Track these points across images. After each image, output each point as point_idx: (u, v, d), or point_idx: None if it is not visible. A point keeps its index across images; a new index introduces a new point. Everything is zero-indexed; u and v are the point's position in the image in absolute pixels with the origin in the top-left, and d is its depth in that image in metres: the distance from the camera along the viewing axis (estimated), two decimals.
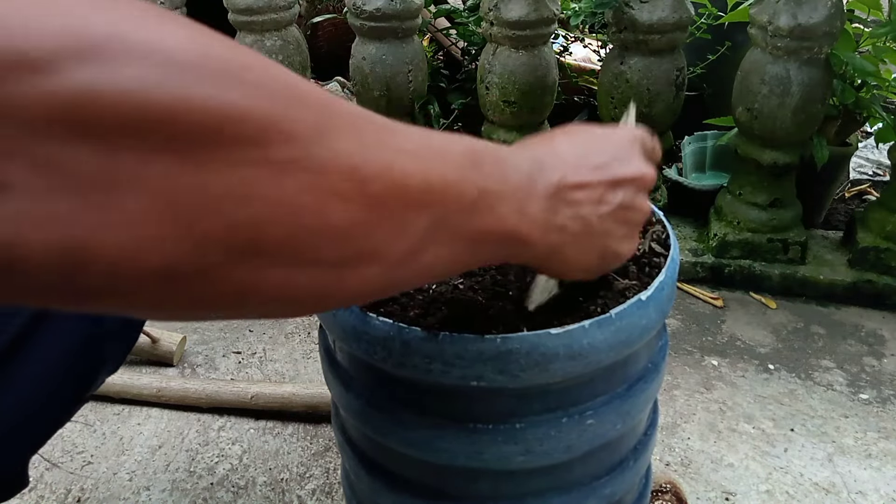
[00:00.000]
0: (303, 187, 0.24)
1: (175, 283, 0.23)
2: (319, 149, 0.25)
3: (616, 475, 0.55)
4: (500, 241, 0.34)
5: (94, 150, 0.20)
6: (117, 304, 0.24)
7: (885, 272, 1.23)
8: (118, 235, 0.21)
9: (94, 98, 0.20)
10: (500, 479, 0.52)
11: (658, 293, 0.48)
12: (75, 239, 0.20)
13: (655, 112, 1.27)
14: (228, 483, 0.90)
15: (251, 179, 0.23)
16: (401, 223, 0.28)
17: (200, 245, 0.22)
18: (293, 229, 0.24)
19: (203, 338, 1.17)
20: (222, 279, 0.24)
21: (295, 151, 0.24)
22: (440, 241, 0.30)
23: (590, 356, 0.45)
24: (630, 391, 0.52)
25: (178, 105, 0.21)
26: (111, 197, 0.21)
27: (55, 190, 0.20)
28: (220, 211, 0.22)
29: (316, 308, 0.29)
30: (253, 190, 0.23)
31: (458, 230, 0.31)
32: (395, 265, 0.29)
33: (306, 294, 0.27)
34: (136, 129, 0.20)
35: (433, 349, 0.45)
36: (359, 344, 0.48)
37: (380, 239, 0.27)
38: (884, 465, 0.91)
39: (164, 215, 0.21)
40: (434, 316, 0.47)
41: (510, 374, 0.45)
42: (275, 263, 0.25)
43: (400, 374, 0.48)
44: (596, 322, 0.45)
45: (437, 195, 0.29)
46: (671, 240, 0.55)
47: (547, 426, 0.49)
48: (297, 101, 0.24)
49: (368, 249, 0.27)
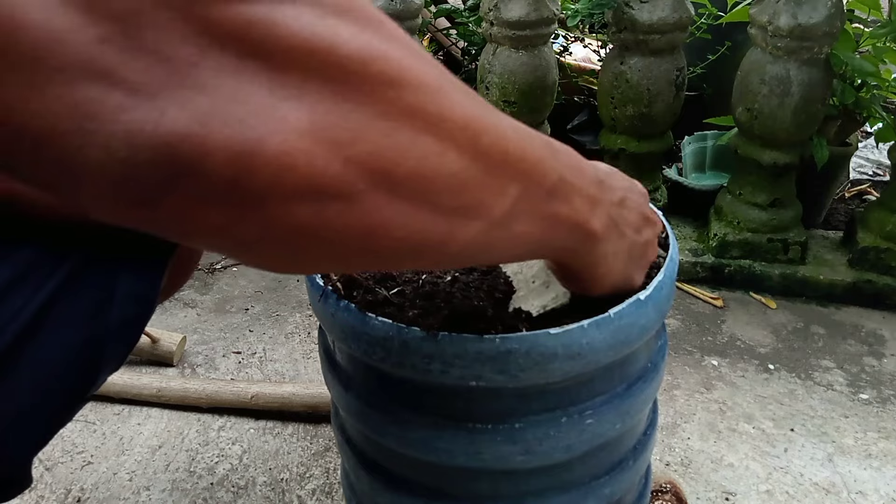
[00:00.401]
0: (429, 128, 0.27)
1: (320, 202, 0.25)
2: (442, 98, 0.27)
3: (616, 475, 0.55)
4: (571, 229, 0.36)
5: (269, 68, 0.23)
6: (265, 225, 0.25)
7: (885, 272, 1.23)
8: (283, 145, 0.23)
9: (275, 26, 0.23)
10: (499, 478, 0.52)
11: (657, 293, 0.48)
12: (248, 143, 0.22)
13: (655, 112, 1.27)
14: (228, 483, 0.90)
15: (389, 114, 0.25)
16: (501, 184, 0.30)
17: (347, 167, 0.24)
18: (419, 166, 0.27)
19: (203, 338, 1.17)
20: (360, 207, 0.26)
21: (424, 96, 0.27)
22: (527, 213, 0.32)
23: (588, 356, 0.45)
24: (629, 391, 0.52)
25: (338, 41, 0.24)
26: (281, 110, 0.23)
27: (240, 94, 0.22)
28: (365, 139, 0.25)
29: (430, 258, 0.31)
30: (390, 124, 0.25)
31: (540, 207, 0.33)
32: (495, 225, 0.31)
33: (423, 238, 0.28)
34: (305, 56, 0.23)
35: (432, 349, 0.45)
36: (358, 344, 0.48)
37: (485, 194, 0.30)
38: (884, 465, 0.91)
39: (321, 134, 0.24)
40: (433, 316, 0.47)
41: (509, 374, 0.45)
42: (403, 197, 0.27)
43: (399, 374, 0.48)
44: (595, 322, 0.45)
45: (528, 168, 0.32)
46: (670, 239, 0.55)
47: (546, 426, 0.49)
48: (423, 57, 0.28)
49: (475, 202, 0.29)
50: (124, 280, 0.51)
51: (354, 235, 0.26)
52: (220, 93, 0.22)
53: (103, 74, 0.21)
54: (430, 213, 0.28)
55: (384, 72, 0.25)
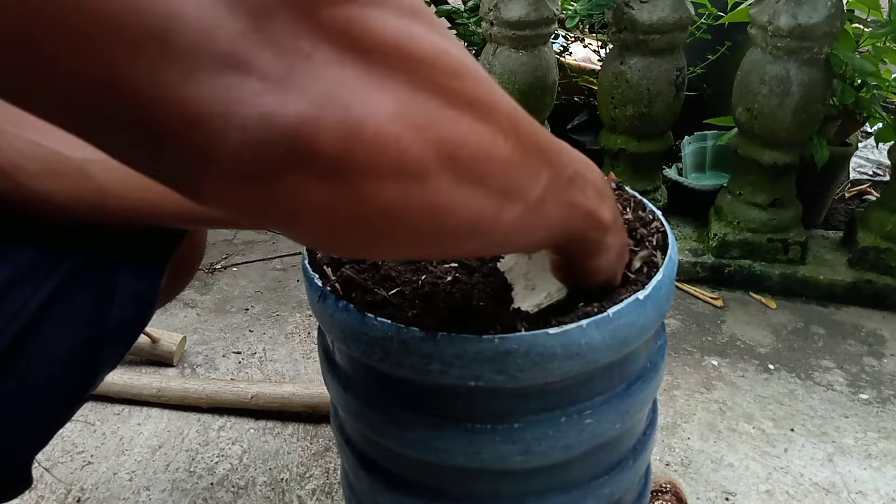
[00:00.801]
0: (483, 116, 0.30)
1: (402, 182, 0.28)
2: (491, 89, 0.31)
3: (615, 475, 0.55)
4: (587, 217, 0.40)
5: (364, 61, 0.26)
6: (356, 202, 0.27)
7: (885, 272, 1.23)
8: (379, 127, 0.26)
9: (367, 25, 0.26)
10: (498, 478, 0.52)
11: (656, 292, 0.48)
12: (353, 124, 0.25)
13: (655, 112, 1.27)
14: (228, 483, 0.90)
15: (454, 103, 0.29)
16: (536, 169, 0.34)
17: (423, 149, 0.27)
18: (477, 150, 0.30)
19: (203, 338, 1.17)
20: (431, 187, 0.28)
21: (479, 87, 0.30)
22: (554, 198, 0.36)
23: (588, 356, 0.45)
24: (629, 391, 0.52)
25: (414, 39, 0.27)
26: (374, 96, 0.26)
27: (344, 83, 0.25)
28: (437, 124, 0.28)
29: (481, 240, 0.33)
30: (455, 112, 0.29)
31: (563, 195, 0.37)
32: (531, 208, 0.34)
33: (479, 218, 0.31)
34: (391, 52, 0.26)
35: (431, 349, 0.45)
36: (357, 344, 0.48)
37: (524, 178, 0.33)
38: (884, 465, 0.91)
39: (404, 119, 0.27)
40: (432, 316, 0.47)
41: (508, 374, 0.45)
42: (464, 179, 0.29)
43: (398, 374, 0.48)
44: (594, 322, 0.45)
45: (553, 157, 0.35)
46: (669, 239, 0.55)
47: (545, 426, 0.48)
48: (468, 53, 0.31)
49: (517, 185, 0.33)
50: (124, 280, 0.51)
51: (427, 214, 0.29)
52: (329, 81, 0.25)
53: (243, 64, 0.24)
54: (484, 195, 0.31)
55: (448, 65, 0.28)
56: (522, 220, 0.34)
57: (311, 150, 0.25)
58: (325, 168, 0.26)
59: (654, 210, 0.59)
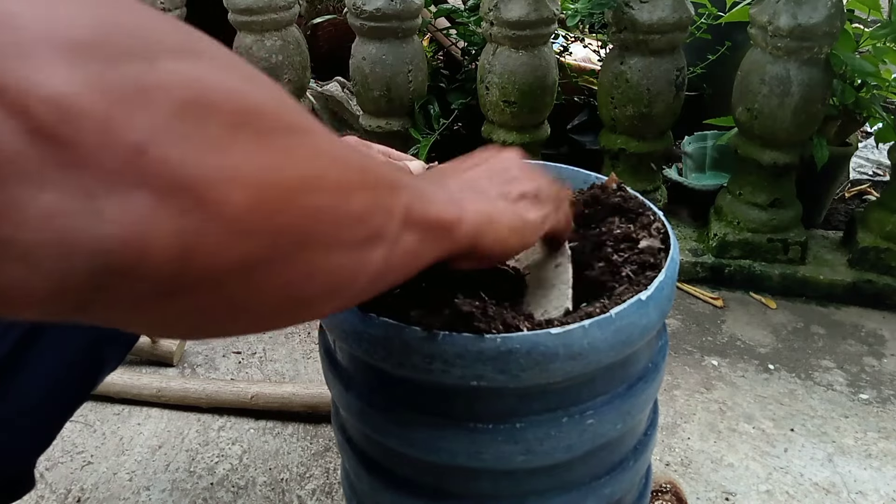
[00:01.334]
0: (337, 176, 0.28)
1: (253, 274, 0.25)
2: (331, 141, 0.29)
3: (616, 475, 0.55)
4: (442, 226, 0.37)
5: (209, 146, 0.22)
6: (197, 306, 0.25)
7: (885, 272, 1.23)
8: (225, 228, 0.23)
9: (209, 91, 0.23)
10: (500, 478, 0.52)
11: (658, 293, 0.48)
12: (191, 234, 0.22)
13: (655, 112, 1.27)
14: (228, 483, 0.90)
15: (304, 169, 0.26)
16: (388, 207, 0.32)
17: (276, 235, 0.25)
18: (336, 215, 0.28)
19: None
20: (284, 268, 0.26)
21: (320, 141, 0.28)
22: (409, 227, 0.33)
23: (590, 356, 0.45)
24: (630, 391, 0.52)
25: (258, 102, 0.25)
26: (222, 192, 0.23)
27: (176, 189, 0.21)
28: (292, 202, 0.25)
29: (343, 295, 0.31)
30: (308, 180, 0.26)
31: (417, 217, 0.34)
32: (391, 246, 0.32)
33: (340, 276, 0.29)
34: (235, 127, 0.23)
35: (433, 349, 0.45)
36: (359, 344, 0.48)
37: (379, 220, 0.31)
38: (884, 465, 0.91)
39: (254, 212, 0.24)
40: (435, 316, 0.47)
41: (510, 374, 0.45)
42: (322, 247, 0.28)
43: (400, 373, 0.48)
44: (596, 322, 0.45)
45: (397, 185, 0.33)
46: (671, 239, 0.55)
47: (547, 426, 0.48)
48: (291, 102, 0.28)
49: (375, 230, 0.31)
50: None
51: (280, 293, 0.27)
52: (161, 184, 0.21)
53: (33, 174, 0.19)
54: (345, 253, 0.29)
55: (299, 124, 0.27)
56: (385, 260, 0.32)
57: (132, 275, 0.22)
58: (152, 287, 0.22)
59: (656, 210, 0.59)
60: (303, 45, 1.44)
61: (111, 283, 0.21)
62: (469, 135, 1.49)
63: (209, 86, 0.23)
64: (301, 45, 1.43)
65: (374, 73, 1.36)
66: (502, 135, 1.34)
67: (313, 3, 1.83)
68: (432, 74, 1.52)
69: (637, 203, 0.60)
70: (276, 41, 1.38)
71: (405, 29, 1.34)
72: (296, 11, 1.39)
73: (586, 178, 0.66)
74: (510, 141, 1.33)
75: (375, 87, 1.37)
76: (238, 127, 0.23)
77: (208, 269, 0.23)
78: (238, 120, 0.23)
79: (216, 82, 0.23)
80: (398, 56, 1.36)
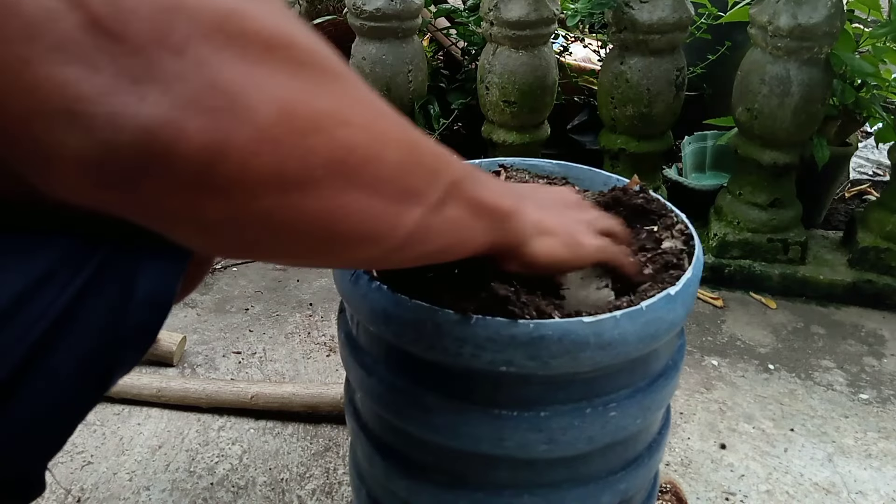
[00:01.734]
0: (371, 122, 0.29)
1: (286, 193, 0.26)
2: (372, 96, 0.30)
3: (631, 471, 0.56)
4: (494, 211, 0.39)
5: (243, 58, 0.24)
6: (232, 213, 0.26)
7: (885, 272, 1.23)
8: (251, 136, 0.24)
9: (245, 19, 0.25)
10: (519, 467, 0.52)
11: (685, 289, 0.49)
12: (220, 132, 0.24)
13: (655, 112, 1.27)
14: (228, 483, 0.90)
15: (341, 104, 0.28)
16: (432, 170, 0.33)
17: (308, 156, 0.26)
18: (369, 154, 0.29)
19: (203, 338, 1.17)
20: (320, 193, 0.27)
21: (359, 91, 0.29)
22: (455, 198, 0.35)
23: (619, 347, 0.46)
24: (651, 386, 0.52)
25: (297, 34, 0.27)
26: (250, 102, 0.24)
27: (210, 88, 0.24)
28: (325, 128, 0.27)
29: (382, 245, 0.32)
30: (343, 116, 0.28)
31: (465, 192, 0.36)
32: (432, 210, 0.33)
33: (376, 223, 0.30)
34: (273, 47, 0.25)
35: (465, 332, 0.45)
36: (388, 326, 0.48)
37: (420, 180, 0.32)
38: (884, 465, 0.91)
39: (284, 126, 0.25)
40: (468, 299, 0.47)
41: (540, 361, 0.45)
42: (356, 184, 0.28)
43: (428, 357, 0.48)
44: (627, 313, 0.46)
45: (446, 160, 0.35)
46: (694, 240, 0.56)
47: (571, 416, 0.49)
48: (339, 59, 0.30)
49: (414, 188, 0.32)
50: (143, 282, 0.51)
51: (315, 221, 0.28)
52: (199, 81, 0.23)
53: (90, 57, 0.22)
54: (379, 199, 0.30)
55: (334, 69, 0.28)
56: (424, 223, 0.33)
57: (172, 157, 0.23)
58: (189, 176, 0.24)
59: (678, 212, 0.59)
60: None
61: (150, 162, 0.23)
62: (469, 135, 1.49)
63: (247, 11, 0.25)
64: None
65: (373, 72, 1.36)
66: (502, 135, 1.34)
67: (313, 3, 1.82)
68: (432, 74, 1.52)
69: (659, 205, 0.61)
70: None
71: (405, 29, 1.34)
72: (296, 11, 1.39)
73: (606, 180, 0.66)
74: (510, 141, 1.33)
75: (375, 87, 1.37)
76: (272, 50, 0.25)
77: (241, 172, 0.25)
78: (273, 44, 0.25)
79: (255, 10, 0.25)
80: (398, 56, 1.36)
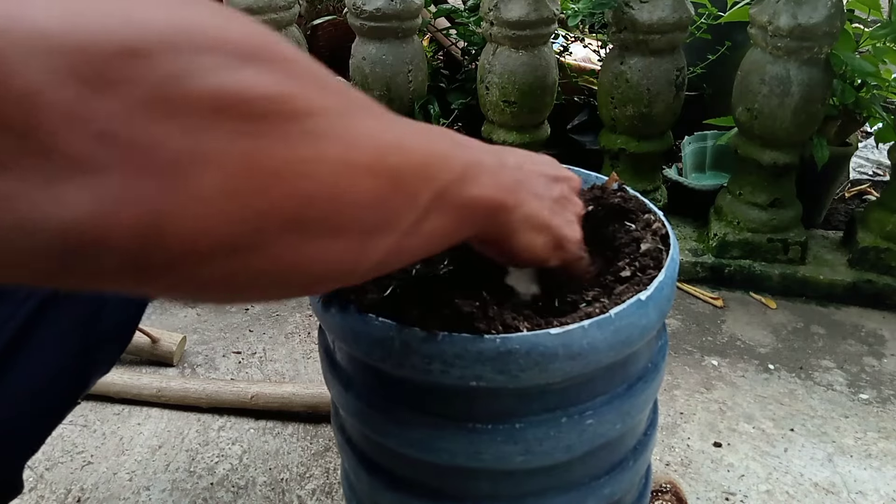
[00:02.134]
0: (339, 159, 0.26)
1: (235, 258, 0.24)
2: (347, 123, 0.27)
3: (616, 475, 0.55)
4: (486, 209, 0.37)
5: (182, 131, 0.22)
6: (177, 283, 0.25)
7: (885, 272, 1.23)
8: (195, 211, 0.22)
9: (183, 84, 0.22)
10: (499, 478, 0.52)
11: (658, 293, 0.48)
12: (156, 215, 0.22)
13: (655, 112, 1.27)
14: (228, 483, 0.90)
15: (295, 153, 0.25)
16: (411, 193, 0.31)
17: (260, 219, 0.24)
18: (332, 200, 0.26)
19: (203, 338, 1.17)
20: (275, 253, 0.26)
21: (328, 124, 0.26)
22: (439, 210, 0.33)
23: (589, 356, 0.45)
24: (630, 391, 0.52)
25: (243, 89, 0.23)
26: (191, 175, 0.22)
27: (144, 169, 0.21)
28: (275, 186, 0.24)
29: (344, 279, 0.31)
30: (298, 164, 0.25)
31: (452, 199, 0.34)
32: (406, 233, 0.31)
33: (338, 265, 0.29)
34: (214, 112, 0.22)
35: (432, 349, 0.45)
36: (358, 344, 0.48)
37: (395, 208, 0.30)
38: (884, 465, 0.91)
39: (232, 192, 0.23)
40: (434, 316, 0.47)
41: (510, 375, 0.45)
42: (316, 235, 0.27)
43: (399, 374, 0.48)
44: (595, 322, 0.45)
45: (436, 167, 0.32)
46: (671, 239, 0.55)
47: (546, 426, 0.48)
48: (324, 85, 0.27)
49: (386, 218, 0.30)
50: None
51: (268, 276, 0.26)
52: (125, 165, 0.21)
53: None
54: (343, 240, 0.28)
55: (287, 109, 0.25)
56: (397, 246, 0.31)
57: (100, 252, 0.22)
58: (125, 262, 0.22)
59: (656, 210, 0.59)
60: (303, 45, 1.44)
61: (76, 261, 0.22)
62: (469, 135, 1.49)
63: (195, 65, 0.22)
64: (301, 45, 1.43)
65: (374, 72, 1.36)
66: (502, 135, 1.34)
67: (313, 3, 1.82)
68: (432, 74, 1.52)
69: (637, 203, 0.60)
70: None
71: (405, 29, 1.34)
72: (296, 11, 1.39)
73: (586, 178, 0.66)
74: (510, 141, 1.33)
75: (375, 87, 1.37)
76: (217, 113, 0.22)
77: (186, 248, 0.23)
78: (221, 104, 0.23)
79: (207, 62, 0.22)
80: (398, 56, 1.36)
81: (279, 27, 1.37)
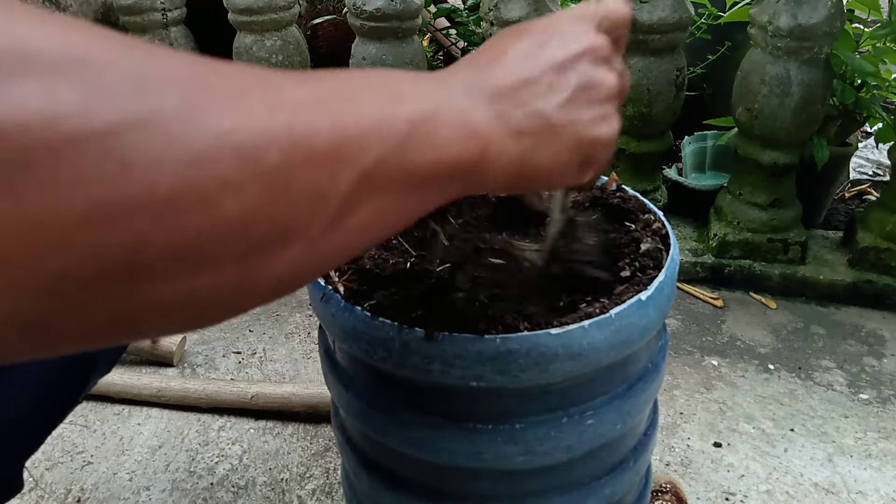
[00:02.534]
0: (179, 183, 0.20)
1: (37, 329, 0.20)
2: (192, 131, 0.20)
3: (616, 475, 0.55)
4: (450, 173, 0.28)
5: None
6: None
7: (885, 272, 1.23)
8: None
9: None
10: (499, 478, 0.52)
11: (658, 293, 0.48)
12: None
13: (655, 112, 1.27)
14: (228, 483, 0.90)
15: (109, 190, 0.18)
16: (315, 189, 0.23)
17: (53, 284, 0.19)
18: (176, 237, 0.20)
19: (203, 338, 1.17)
20: (126, 301, 0.20)
21: (159, 138, 0.19)
22: (373, 195, 0.26)
23: (589, 356, 0.45)
24: (630, 391, 0.52)
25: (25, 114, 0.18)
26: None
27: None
28: (76, 237, 0.19)
29: (239, 307, 0.25)
30: (114, 203, 0.19)
31: (393, 176, 0.26)
32: (321, 237, 0.24)
33: (216, 298, 0.23)
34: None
35: (433, 350, 0.45)
36: (359, 344, 0.48)
37: (292, 215, 0.23)
38: (884, 465, 0.91)
39: (13, 256, 0.18)
40: (435, 316, 0.47)
41: (510, 375, 0.45)
42: (162, 278, 0.21)
43: (400, 374, 0.48)
44: (596, 322, 0.45)
45: (355, 145, 0.25)
46: (671, 239, 0.55)
47: (547, 426, 0.49)
48: (155, 81, 0.20)
49: (280, 230, 0.23)
50: None
51: (112, 331, 0.22)
52: None
53: None
54: (213, 272, 0.22)
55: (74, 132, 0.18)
56: (312, 254, 0.24)
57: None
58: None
59: (656, 210, 0.59)
60: (303, 46, 1.44)
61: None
62: None
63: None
64: (301, 45, 1.43)
65: None
66: None
67: (313, 3, 1.83)
68: None
69: (637, 203, 0.60)
70: (276, 41, 1.38)
71: (405, 29, 1.34)
72: (296, 11, 1.39)
73: None
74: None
75: None
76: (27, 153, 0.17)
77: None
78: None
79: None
80: (398, 56, 1.36)
81: (279, 27, 1.37)
